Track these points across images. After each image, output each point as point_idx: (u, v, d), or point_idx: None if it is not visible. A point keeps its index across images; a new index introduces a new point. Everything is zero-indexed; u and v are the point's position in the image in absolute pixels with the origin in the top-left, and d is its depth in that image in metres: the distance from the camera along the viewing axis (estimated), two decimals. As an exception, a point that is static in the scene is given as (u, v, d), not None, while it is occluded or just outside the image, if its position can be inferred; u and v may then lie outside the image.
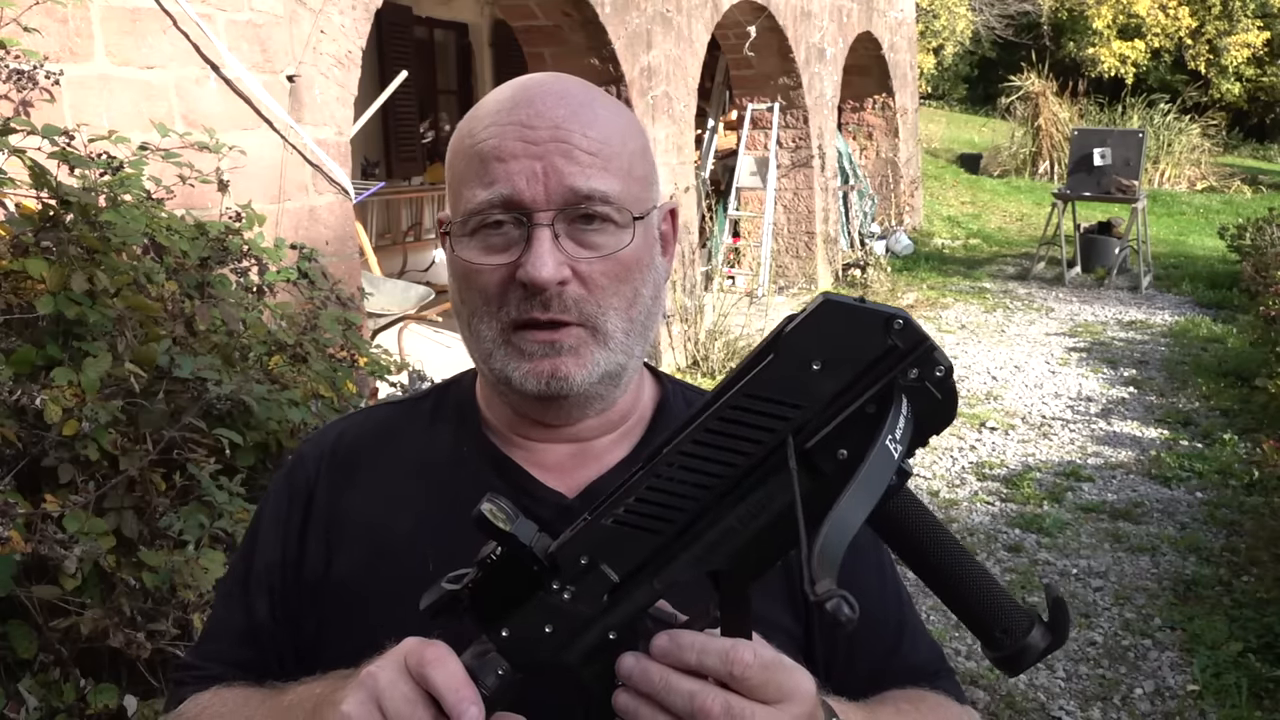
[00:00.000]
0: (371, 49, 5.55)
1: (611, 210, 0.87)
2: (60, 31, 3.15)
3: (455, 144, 0.91)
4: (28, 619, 1.88)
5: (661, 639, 0.69)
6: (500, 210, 0.86)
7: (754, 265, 9.37)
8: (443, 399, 1.03)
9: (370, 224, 8.43)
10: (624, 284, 0.89)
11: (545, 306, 0.86)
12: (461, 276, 0.90)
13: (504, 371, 0.89)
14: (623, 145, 0.89)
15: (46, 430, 1.93)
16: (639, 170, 0.91)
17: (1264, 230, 8.50)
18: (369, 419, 1.05)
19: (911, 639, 1.02)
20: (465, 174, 0.88)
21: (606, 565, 0.69)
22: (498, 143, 0.86)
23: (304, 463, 1.02)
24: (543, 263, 0.84)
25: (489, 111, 0.89)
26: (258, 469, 2.32)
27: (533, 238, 0.85)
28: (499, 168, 0.85)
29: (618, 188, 0.87)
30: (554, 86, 0.89)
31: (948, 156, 18.48)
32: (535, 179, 0.85)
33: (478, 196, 0.86)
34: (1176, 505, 4.96)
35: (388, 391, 3.47)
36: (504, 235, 0.87)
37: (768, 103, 9.48)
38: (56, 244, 2.14)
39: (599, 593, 0.69)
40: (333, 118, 4.19)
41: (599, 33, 6.27)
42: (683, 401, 1.03)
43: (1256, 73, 23.98)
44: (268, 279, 2.79)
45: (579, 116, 0.87)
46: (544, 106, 0.87)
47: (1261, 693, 3.36)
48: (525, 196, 0.85)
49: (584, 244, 0.87)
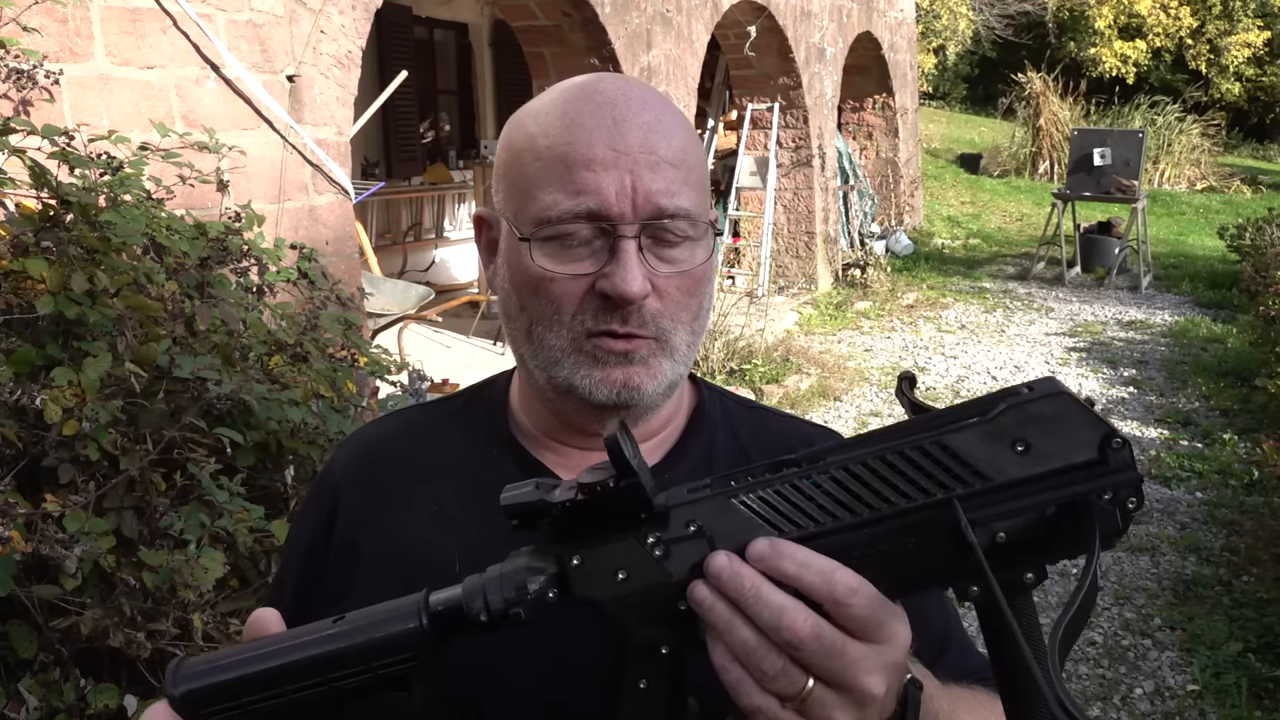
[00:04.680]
0: (371, 49, 5.55)
1: (689, 225, 0.85)
2: (60, 31, 3.16)
3: (521, 142, 0.87)
4: (28, 619, 1.88)
5: (762, 543, 0.63)
6: (585, 221, 0.83)
7: (754, 265, 9.37)
8: (474, 401, 1.02)
9: (370, 224, 8.43)
10: (693, 298, 0.87)
11: (624, 320, 0.83)
12: (530, 284, 0.85)
13: (570, 379, 0.86)
14: (696, 155, 0.88)
15: (46, 430, 1.93)
16: (706, 181, 0.91)
17: (1264, 230, 8.50)
18: (398, 420, 1.05)
19: (960, 650, 0.98)
20: (540, 178, 0.84)
21: (713, 540, 0.66)
22: (585, 150, 0.82)
23: (331, 469, 1.02)
24: (632, 276, 0.82)
25: (565, 112, 0.85)
26: (258, 469, 2.32)
27: (619, 250, 0.82)
28: (587, 177, 0.82)
29: (697, 200, 0.86)
30: (634, 91, 0.87)
31: (948, 156, 18.48)
32: (624, 192, 0.82)
33: (560, 204, 0.82)
34: (1176, 505, 4.96)
35: (388, 391, 3.47)
36: (585, 245, 0.83)
37: (768, 103, 9.48)
38: (56, 244, 2.14)
39: (691, 563, 0.66)
40: (333, 118, 4.19)
41: (599, 33, 6.27)
42: (719, 409, 1.01)
43: (1256, 72, 23.99)
44: (268, 279, 2.79)
45: (663, 125, 0.85)
46: (629, 111, 0.84)
47: (1261, 693, 3.36)
48: (614, 209, 0.82)
49: (664, 259, 0.85)
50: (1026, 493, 0.64)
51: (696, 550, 0.66)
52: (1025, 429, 0.64)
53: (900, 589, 0.66)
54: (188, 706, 0.67)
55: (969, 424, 0.65)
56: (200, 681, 0.68)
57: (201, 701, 0.67)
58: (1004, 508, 0.64)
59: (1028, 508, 0.64)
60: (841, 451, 0.67)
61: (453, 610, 0.68)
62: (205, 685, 0.67)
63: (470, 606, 0.68)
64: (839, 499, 0.66)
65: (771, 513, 0.66)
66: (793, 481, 0.66)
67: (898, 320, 8.87)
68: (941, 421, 0.66)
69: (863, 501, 0.65)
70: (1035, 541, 0.64)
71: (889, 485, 0.65)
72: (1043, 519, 0.64)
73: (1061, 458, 0.64)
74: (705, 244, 0.87)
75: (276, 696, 0.67)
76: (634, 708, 0.69)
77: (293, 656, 0.68)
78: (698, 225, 0.86)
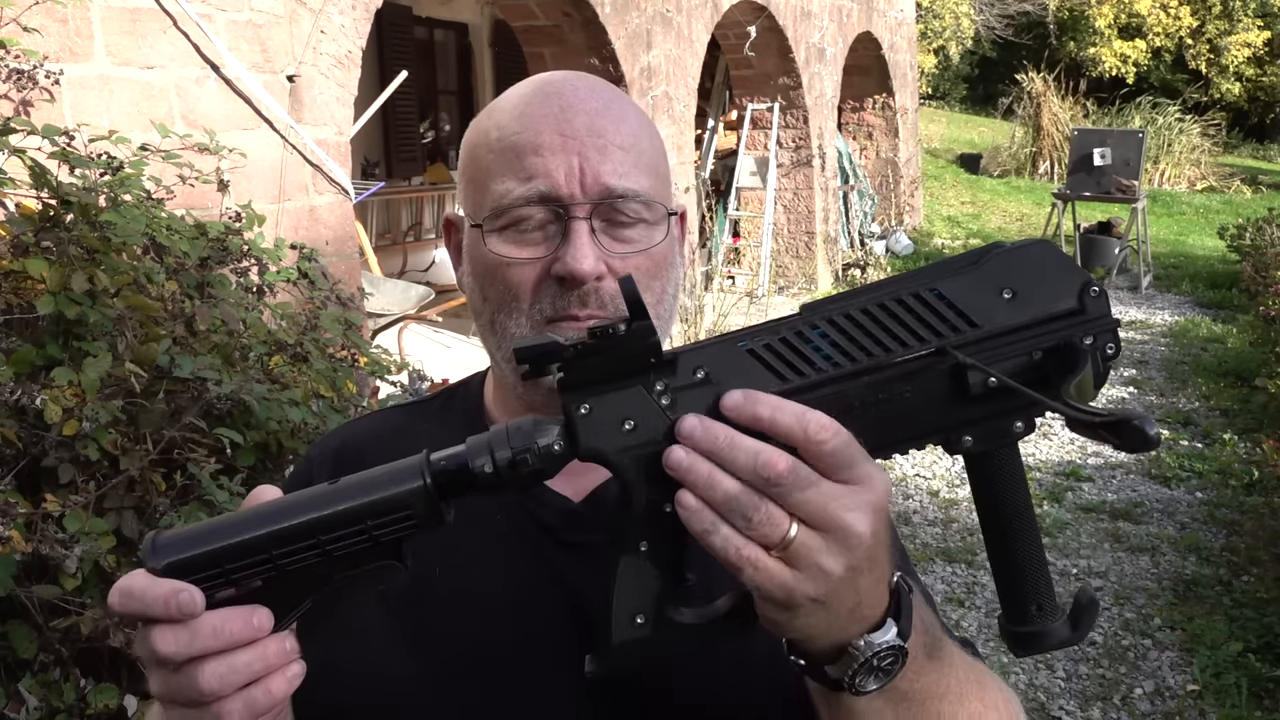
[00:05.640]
0: (371, 49, 5.55)
1: (644, 207, 0.86)
2: (60, 31, 3.16)
3: (477, 138, 0.89)
4: (28, 619, 1.88)
5: (735, 394, 0.64)
6: (536, 204, 0.84)
7: (754, 265, 9.37)
8: (450, 401, 1.03)
9: (370, 224, 8.43)
10: (654, 280, 0.88)
11: (583, 302, 0.84)
12: (488, 271, 0.87)
13: None
14: (649, 143, 0.89)
15: (46, 430, 1.93)
16: (662, 168, 0.91)
17: (1264, 230, 8.49)
18: (377, 421, 1.06)
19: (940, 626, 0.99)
20: (494, 167, 0.86)
21: (720, 386, 0.65)
22: (533, 136, 0.84)
23: (309, 465, 1.02)
24: (583, 255, 0.82)
25: (515, 105, 0.87)
26: (258, 469, 2.32)
27: (571, 231, 0.83)
28: (535, 161, 0.83)
29: (649, 184, 0.87)
30: (581, 82, 0.88)
31: (948, 156, 18.48)
32: (573, 173, 0.83)
33: (512, 191, 0.84)
34: (1176, 505, 4.96)
35: (388, 391, 3.47)
36: (539, 229, 0.85)
37: (768, 103, 9.48)
38: (56, 244, 2.15)
39: (697, 409, 0.65)
40: (333, 118, 4.19)
41: (599, 33, 6.27)
42: None
43: (1256, 72, 23.99)
44: (268, 279, 2.79)
45: (611, 111, 0.87)
46: (576, 99, 0.86)
47: (1261, 693, 3.36)
48: (564, 191, 0.83)
49: (619, 239, 0.86)
50: (1017, 338, 0.67)
51: (704, 397, 0.65)
52: (1012, 276, 0.67)
53: (897, 441, 0.67)
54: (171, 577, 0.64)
55: (961, 271, 0.67)
56: (183, 552, 0.65)
57: (183, 572, 0.64)
58: (996, 353, 0.66)
59: (1018, 352, 0.66)
60: (844, 300, 0.67)
61: (457, 467, 0.67)
62: (190, 556, 0.64)
63: (475, 461, 0.66)
64: (841, 346, 0.66)
65: (776, 359, 0.66)
66: (797, 329, 0.67)
67: (898, 320, 8.86)
68: (935, 272, 0.68)
69: (863, 349, 0.66)
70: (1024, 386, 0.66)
71: (888, 333, 0.66)
72: (1031, 364, 0.66)
73: (1046, 303, 0.67)
74: (662, 228, 0.88)
75: (266, 564, 0.65)
76: (635, 574, 0.68)
77: (288, 519, 0.65)
78: (653, 208, 0.87)
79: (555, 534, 0.89)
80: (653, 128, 0.92)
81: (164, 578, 0.64)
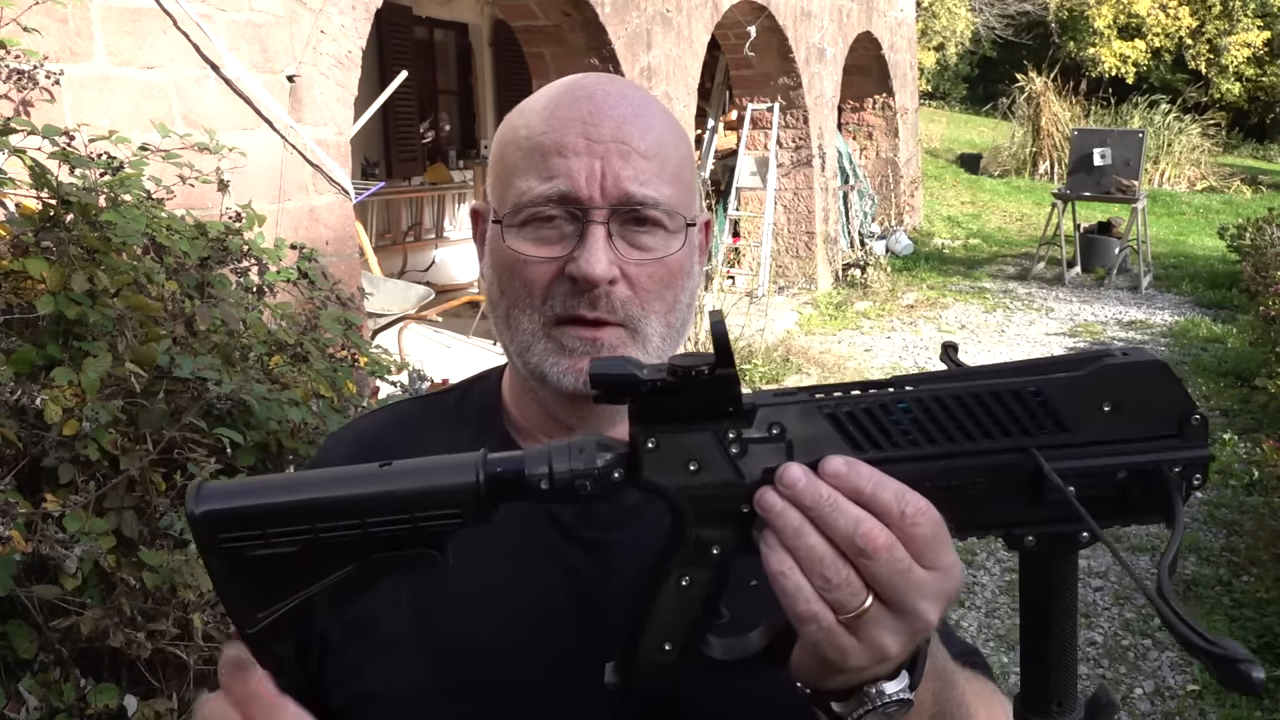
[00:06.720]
0: (371, 49, 5.55)
1: (663, 215, 0.87)
2: (60, 31, 3.15)
3: (506, 135, 0.91)
4: (28, 619, 1.88)
5: (838, 460, 0.63)
6: (556, 204, 0.85)
7: (754, 265, 9.37)
8: (467, 395, 1.02)
9: (370, 224, 8.43)
10: (668, 289, 0.88)
11: (592, 305, 0.85)
12: (506, 267, 0.88)
13: (540, 366, 0.87)
14: (675, 151, 0.90)
15: (46, 430, 1.93)
16: (687, 177, 0.92)
17: (1264, 230, 8.49)
18: (391, 413, 1.05)
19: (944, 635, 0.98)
20: (520, 165, 0.87)
21: (791, 446, 0.65)
22: (559, 137, 0.85)
23: (322, 460, 1.02)
24: (597, 259, 0.83)
25: (545, 105, 0.89)
26: (258, 469, 2.32)
27: (587, 234, 0.85)
28: (559, 162, 0.85)
29: (670, 193, 0.87)
30: (613, 87, 0.89)
31: (948, 156, 18.48)
32: (594, 177, 0.85)
33: (534, 189, 0.85)
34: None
35: (388, 391, 3.47)
36: (557, 229, 0.86)
37: (768, 103, 9.48)
38: (56, 244, 2.15)
39: (765, 466, 0.65)
40: (333, 118, 4.19)
41: (599, 33, 6.27)
42: None
43: (1256, 73, 23.98)
44: (268, 279, 2.79)
45: (639, 119, 0.87)
46: (605, 104, 0.87)
47: (1262, 692, 3.37)
48: (583, 193, 0.84)
49: (635, 245, 0.87)
50: (1105, 452, 0.65)
51: (773, 454, 0.65)
52: (1117, 390, 0.64)
53: (963, 528, 0.66)
54: (206, 527, 0.64)
55: (1062, 375, 0.65)
56: (225, 503, 0.64)
57: (222, 524, 0.64)
58: (1081, 464, 0.64)
59: (1103, 468, 0.65)
60: (934, 382, 0.66)
61: (513, 473, 0.66)
62: (231, 508, 0.64)
63: (533, 471, 0.66)
64: (923, 427, 0.65)
65: (856, 429, 0.65)
66: (882, 402, 0.66)
67: (898, 320, 8.87)
68: (1034, 369, 0.66)
69: (946, 434, 0.65)
70: (1100, 501, 0.64)
71: (974, 422, 0.65)
72: (1112, 480, 0.65)
73: (1144, 424, 0.65)
74: (680, 237, 0.88)
75: (305, 532, 0.64)
76: (671, 605, 0.68)
77: (336, 490, 0.65)
78: (673, 218, 0.87)
79: (568, 529, 0.89)
80: (683, 135, 0.92)
81: (201, 528, 0.64)
